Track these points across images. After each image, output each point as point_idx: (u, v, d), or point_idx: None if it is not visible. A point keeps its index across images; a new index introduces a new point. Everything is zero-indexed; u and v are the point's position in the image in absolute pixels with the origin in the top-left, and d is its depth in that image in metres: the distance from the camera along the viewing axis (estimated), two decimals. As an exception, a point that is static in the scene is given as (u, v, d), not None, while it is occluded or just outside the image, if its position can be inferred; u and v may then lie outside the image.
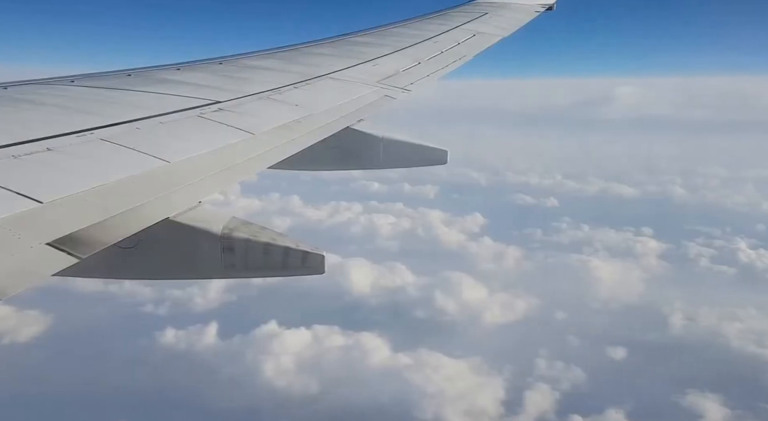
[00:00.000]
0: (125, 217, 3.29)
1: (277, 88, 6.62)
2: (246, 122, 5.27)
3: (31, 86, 5.46)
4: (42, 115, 4.52)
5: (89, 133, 4.20)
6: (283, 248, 3.99)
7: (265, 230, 4.07)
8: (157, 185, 3.75)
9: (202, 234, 3.85)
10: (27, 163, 3.53)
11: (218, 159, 4.44)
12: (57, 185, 3.33)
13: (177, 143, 4.47)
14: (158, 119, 4.86)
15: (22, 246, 2.71)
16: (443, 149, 7.19)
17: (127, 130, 4.47)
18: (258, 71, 7.39)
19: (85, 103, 5.07)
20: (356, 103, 6.88)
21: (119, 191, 3.51)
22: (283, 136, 5.26)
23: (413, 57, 9.36)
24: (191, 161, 4.24)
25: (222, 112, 5.41)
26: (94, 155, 3.90)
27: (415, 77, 8.46)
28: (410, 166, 7.36)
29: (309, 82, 7.19)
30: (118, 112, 4.83)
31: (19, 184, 3.18)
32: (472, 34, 11.24)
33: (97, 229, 3.05)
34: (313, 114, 6.06)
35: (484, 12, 12.99)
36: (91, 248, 2.91)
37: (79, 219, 3.06)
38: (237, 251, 3.94)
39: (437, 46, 10.23)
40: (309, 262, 4.04)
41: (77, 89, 5.52)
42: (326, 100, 6.68)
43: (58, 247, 2.80)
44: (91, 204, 3.26)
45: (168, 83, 6.18)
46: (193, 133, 4.78)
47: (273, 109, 5.93)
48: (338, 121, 6.20)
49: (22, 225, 2.85)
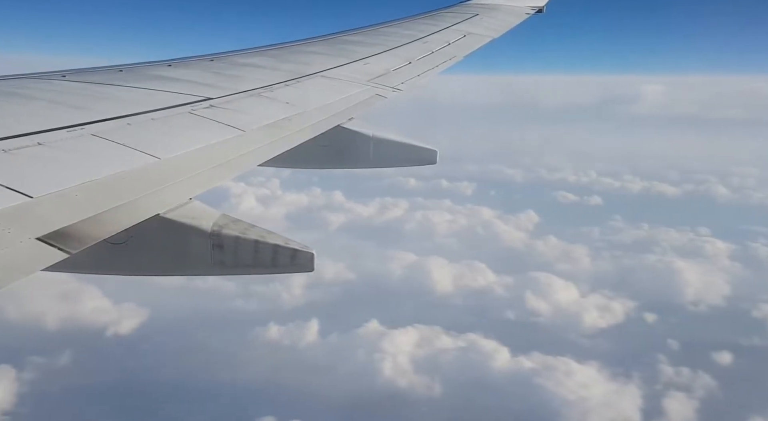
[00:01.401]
0: (116, 213, 3.26)
1: (269, 86, 6.59)
2: (237, 119, 5.25)
3: (22, 80, 5.41)
4: (33, 110, 4.48)
5: (80, 129, 4.16)
6: (272, 246, 3.97)
7: (254, 227, 4.05)
8: (147, 181, 3.73)
9: (192, 231, 3.83)
10: (17, 157, 3.50)
11: (209, 156, 4.42)
12: (47, 180, 3.30)
13: (168, 140, 4.45)
14: (149, 115, 4.83)
15: (12, 240, 2.69)
16: (433, 149, 7.19)
17: (118, 125, 4.43)
18: (249, 69, 7.36)
19: (76, 98, 5.02)
20: (347, 102, 6.87)
21: (110, 187, 3.49)
22: (273, 134, 5.25)
23: (404, 57, 9.36)
24: (182, 158, 4.21)
25: (213, 109, 5.38)
26: (85, 150, 3.87)
27: (406, 77, 8.47)
28: (400, 166, 7.35)
29: (300, 80, 7.17)
30: (110, 107, 4.79)
31: (9, 179, 3.15)
32: (463, 35, 11.26)
33: (87, 224, 3.03)
34: (303, 112, 6.05)
35: (475, 13, 13.00)
36: (81, 243, 2.89)
37: (69, 214, 3.04)
38: (227, 248, 3.92)
39: (428, 46, 10.24)
40: (298, 259, 4.02)
41: (68, 84, 5.47)
42: (317, 98, 6.67)
43: (48, 242, 2.77)
44: (82, 199, 3.23)
45: (159, 80, 6.15)
46: (184, 130, 4.75)
47: (264, 107, 5.91)
48: (329, 119, 6.19)
49: (11, 220, 2.82)
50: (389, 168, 7.54)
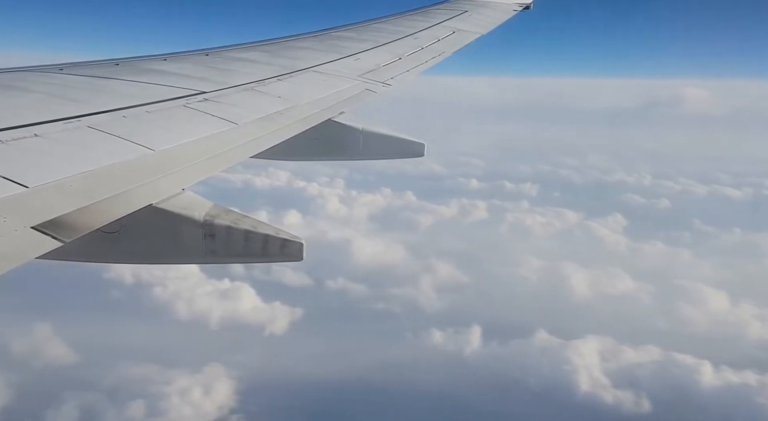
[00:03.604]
0: (109, 202, 3.29)
1: (261, 80, 6.61)
2: (230, 113, 5.27)
3: (20, 73, 5.41)
4: (30, 102, 4.49)
5: (77, 121, 4.18)
6: (263, 236, 4.01)
7: (246, 217, 4.08)
8: (141, 172, 3.76)
9: (184, 221, 3.85)
10: (14, 148, 3.52)
11: (202, 148, 4.45)
12: (43, 171, 3.32)
13: (162, 132, 4.47)
14: (145, 108, 4.85)
15: (8, 229, 2.71)
16: (420, 142, 7.24)
17: (113, 118, 4.45)
18: (243, 63, 7.36)
19: (73, 91, 5.03)
20: (338, 96, 6.89)
21: (105, 178, 3.51)
22: (265, 127, 5.28)
23: (394, 52, 9.38)
24: (176, 150, 4.24)
25: (207, 103, 5.40)
26: (81, 142, 3.89)
27: (396, 72, 8.49)
28: (388, 158, 7.40)
29: (292, 74, 7.19)
30: (106, 100, 4.81)
31: (6, 169, 3.17)
32: (452, 32, 11.27)
33: (81, 214, 3.05)
34: (295, 106, 6.07)
35: (464, 10, 13.01)
36: (75, 232, 2.91)
37: (64, 204, 3.06)
38: (218, 237, 3.95)
39: (417, 42, 10.25)
40: (288, 249, 4.06)
41: (66, 77, 5.48)
42: (309, 92, 6.69)
43: (42, 231, 2.79)
44: (77, 190, 3.26)
45: (155, 73, 6.15)
46: (178, 123, 4.77)
47: (257, 101, 5.93)
48: (320, 113, 6.22)
49: (7, 209, 2.84)
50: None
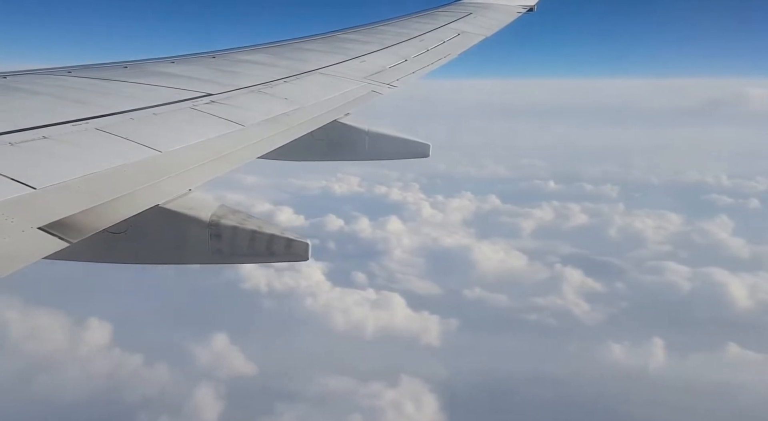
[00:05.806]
0: (116, 203, 3.26)
1: (268, 82, 6.58)
2: (237, 114, 5.24)
3: (29, 76, 5.39)
4: (39, 104, 4.47)
5: (84, 123, 4.15)
6: (268, 235, 3.97)
7: (252, 218, 4.05)
8: (148, 174, 3.73)
9: (190, 221, 3.83)
10: (23, 150, 3.50)
11: (209, 149, 4.41)
12: (51, 172, 3.30)
13: (169, 134, 4.44)
14: (152, 110, 4.82)
15: (15, 230, 2.69)
16: (426, 143, 7.20)
17: (121, 120, 4.42)
18: (249, 65, 7.33)
19: (81, 93, 5.01)
20: (344, 98, 6.85)
21: (111, 179, 3.48)
22: (272, 128, 5.24)
23: (400, 54, 9.33)
24: (183, 151, 4.21)
25: (214, 105, 5.37)
26: (89, 144, 3.86)
27: (402, 74, 8.44)
28: (394, 159, 7.35)
29: (298, 76, 7.15)
30: (113, 102, 4.78)
31: (14, 171, 3.15)
32: (457, 34, 11.22)
33: (88, 214, 3.03)
34: (301, 107, 6.03)
35: (468, 12, 12.96)
36: (81, 233, 2.88)
37: (71, 205, 3.03)
38: (224, 237, 3.92)
39: (423, 44, 10.20)
40: (293, 249, 4.02)
41: (74, 80, 5.46)
42: (314, 94, 6.65)
43: (49, 231, 2.77)
44: (84, 191, 3.23)
45: (162, 76, 6.13)
46: (185, 125, 4.74)
47: (263, 102, 5.89)
48: (326, 114, 6.18)
49: (15, 210, 2.82)
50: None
